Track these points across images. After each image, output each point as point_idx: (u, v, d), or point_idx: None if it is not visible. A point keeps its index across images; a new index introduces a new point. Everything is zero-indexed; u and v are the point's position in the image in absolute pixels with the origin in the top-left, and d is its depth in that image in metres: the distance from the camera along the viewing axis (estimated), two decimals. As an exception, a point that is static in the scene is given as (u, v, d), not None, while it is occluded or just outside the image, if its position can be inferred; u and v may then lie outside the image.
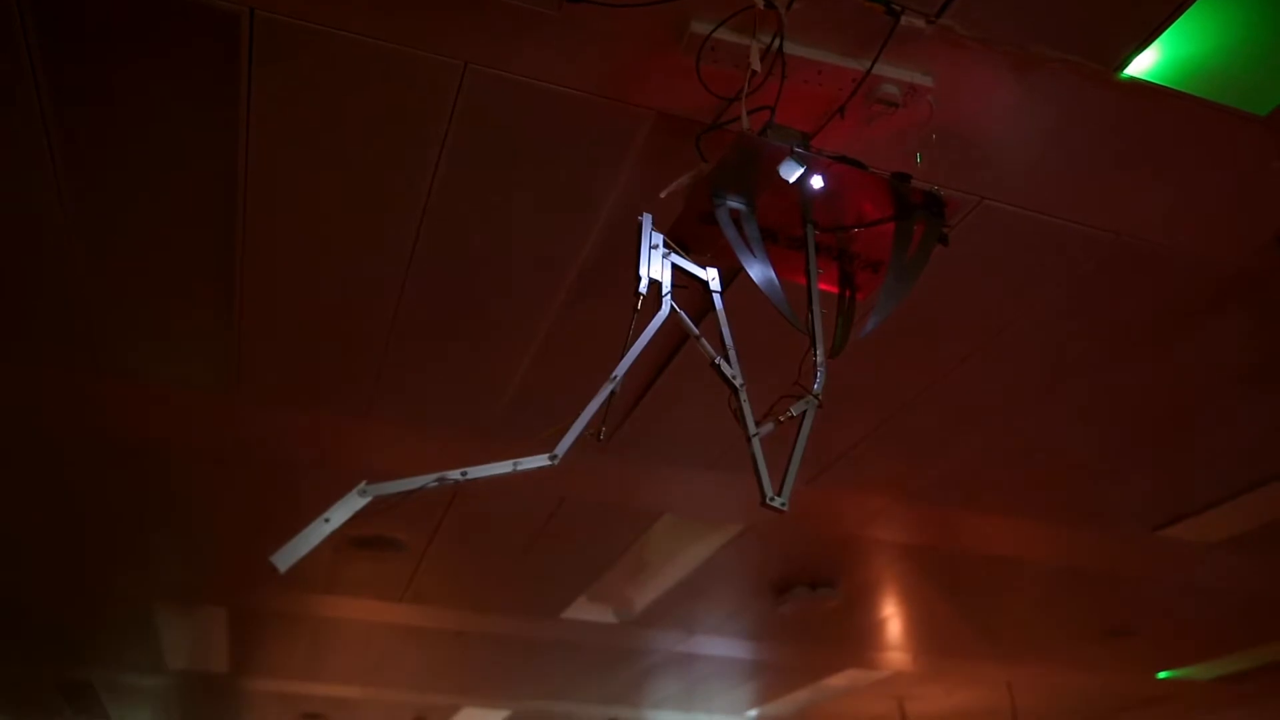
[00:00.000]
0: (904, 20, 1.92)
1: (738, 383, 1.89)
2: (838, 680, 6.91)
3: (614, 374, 1.84)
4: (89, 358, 3.07)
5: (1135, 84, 2.10)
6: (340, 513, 1.60)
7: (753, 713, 8.10)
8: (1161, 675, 6.77)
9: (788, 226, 2.08)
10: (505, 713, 8.13)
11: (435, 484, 1.64)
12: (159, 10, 1.91)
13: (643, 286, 1.89)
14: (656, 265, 1.93)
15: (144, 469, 3.87)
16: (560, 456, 1.73)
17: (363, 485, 1.62)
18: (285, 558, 1.55)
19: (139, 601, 5.43)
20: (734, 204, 2.00)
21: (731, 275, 2.22)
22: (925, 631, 6.04)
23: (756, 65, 1.91)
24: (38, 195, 2.40)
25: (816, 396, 1.93)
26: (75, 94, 2.12)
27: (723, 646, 6.17)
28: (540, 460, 1.73)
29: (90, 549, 4.72)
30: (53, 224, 2.50)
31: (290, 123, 2.20)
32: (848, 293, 2.18)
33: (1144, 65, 2.06)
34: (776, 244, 2.08)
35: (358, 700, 7.56)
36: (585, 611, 5.43)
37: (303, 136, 2.24)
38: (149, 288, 2.78)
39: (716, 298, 1.99)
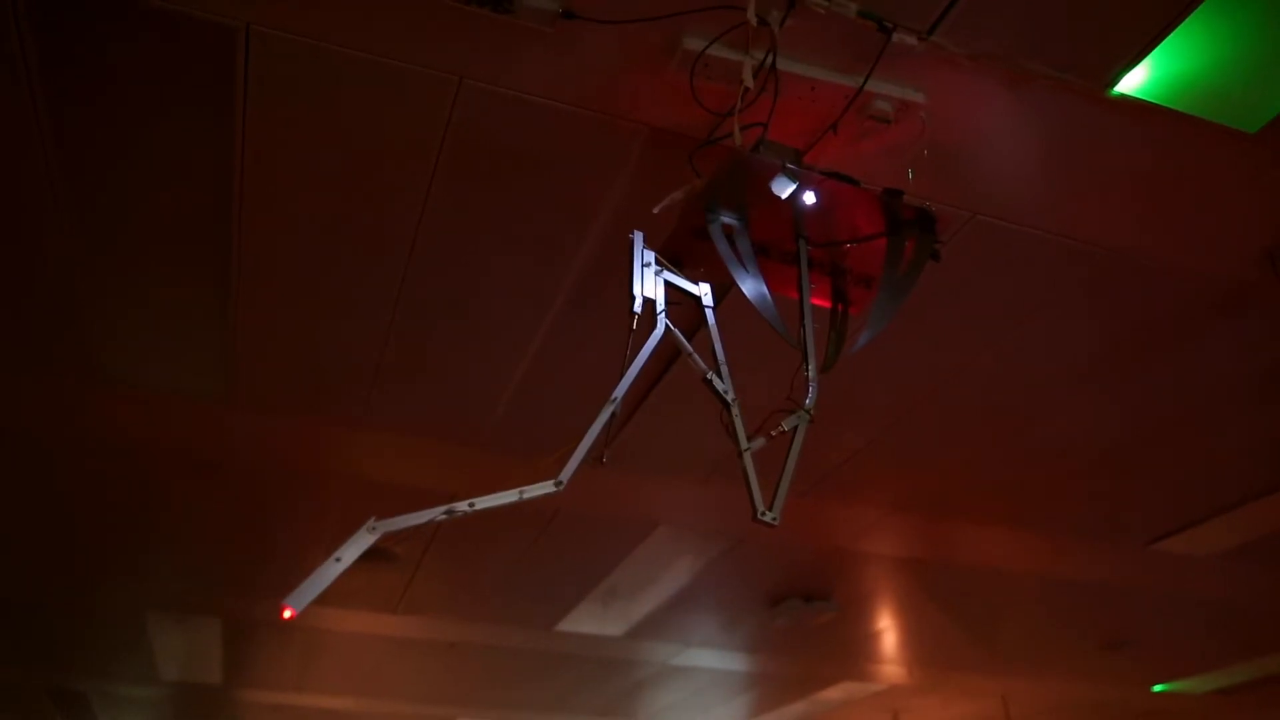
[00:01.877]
0: (896, 37, 1.94)
1: (730, 398, 1.89)
2: (833, 693, 6.89)
3: (613, 395, 1.84)
4: (84, 364, 3.07)
5: (1125, 101, 2.12)
6: (351, 551, 1.61)
7: (748, 725, 8.08)
8: (1157, 688, 6.76)
9: (780, 241, 2.09)
10: (499, 725, 8.11)
11: (443, 516, 1.65)
12: (156, 23, 1.92)
13: (637, 306, 1.90)
14: (650, 283, 1.94)
15: (138, 477, 3.86)
16: (565, 483, 1.74)
17: (371, 522, 1.64)
18: (299, 599, 1.55)
19: (132, 611, 5.41)
20: (727, 219, 2.01)
21: (724, 290, 2.23)
22: (920, 644, 6.04)
23: (749, 82, 1.93)
24: (34, 203, 2.40)
25: (808, 411, 1.94)
26: (73, 104, 2.13)
27: (717, 659, 6.16)
28: (546, 487, 1.74)
29: (84, 557, 4.71)
30: (49, 231, 2.50)
31: (286, 134, 2.21)
32: (840, 307, 2.19)
33: (1134, 82, 2.08)
34: (769, 259, 2.09)
35: (351, 712, 7.53)
36: (580, 624, 5.42)
37: (298, 148, 2.25)
38: (144, 295, 2.78)
39: (709, 313, 2.00)
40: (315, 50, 1.99)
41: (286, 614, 1.55)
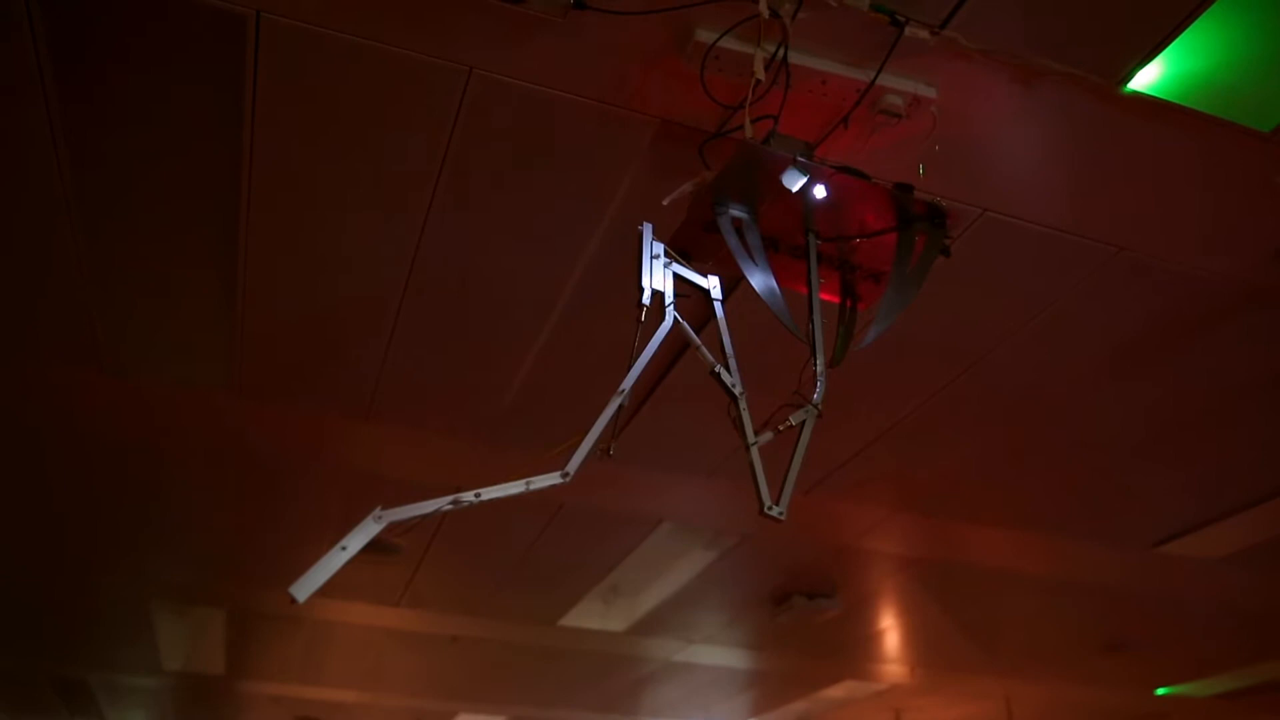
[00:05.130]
0: (908, 31, 1.93)
1: (737, 391, 1.88)
2: (835, 691, 6.88)
3: (621, 387, 1.82)
4: (90, 355, 3.07)
5: (1138, 98, 2.10)
6: (357, 540, 1.59)
7: (749, 722, 8.08)
8: (1160, 691, 6.74)
9: (790, 235, 2.08)
10: (501, 719, 8.11)
11: (450, 506, 1.63)
12: (165, 11, 1.92)
13: (645, 298, 1.89)
14: (658, 275, 1.93)
15: (143, 468, 3.87)
16: (572, 474, 1.73)
17: (378, 511, 1.62)
18: (303, 588, 1.54)
19: (136, 602, 5.42)
20: (736, 212, 2.00)
21: (733, 284, 2.22)
22: (923, 644, 6.03)
23: (760, 74, 1.92)
24: (42, 193, 2.40)
25: (816, 406, 1.93)
26: (82, 92, 2.12)
27: (720, 656, 6.15)
28: (552, 478, 1.72)
29: (87, 547, 4.72)
30: (56, 221, 2.50)
31: (295, 124, 2.21)
32: (849, 303, 2.18)
33: (1147, 80, 2.06)
34: (778, 253, 2.08)
35: (353, 704, 7.54)
36: (583, 619, 5.42)
37: (307, 138, 2.25)
38: (151, 286, 2.78)
39: (718, 306, 1.99)
40: (325, 39, 1.98)
41: (291, 602, 1.54)
